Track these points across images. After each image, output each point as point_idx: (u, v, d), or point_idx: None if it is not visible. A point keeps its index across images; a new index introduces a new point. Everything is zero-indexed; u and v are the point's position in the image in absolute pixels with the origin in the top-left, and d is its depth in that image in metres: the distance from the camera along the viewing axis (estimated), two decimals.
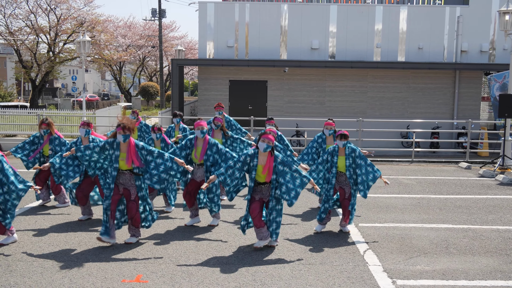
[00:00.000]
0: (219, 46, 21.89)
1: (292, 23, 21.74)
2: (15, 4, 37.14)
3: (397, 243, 7.89)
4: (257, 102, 22.07)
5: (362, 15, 21.69)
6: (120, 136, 7.27)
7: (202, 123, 8.22)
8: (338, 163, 8.19)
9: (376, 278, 6.39)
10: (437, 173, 15.17)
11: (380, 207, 10.36)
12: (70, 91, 60.72)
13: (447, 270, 6.71)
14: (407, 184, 13.14)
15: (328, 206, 8.24)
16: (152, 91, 49.92)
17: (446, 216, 9.72)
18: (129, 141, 7.36)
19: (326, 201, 8.24)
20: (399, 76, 22.00)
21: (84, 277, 6.22)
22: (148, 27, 49.43)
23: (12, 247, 7.36)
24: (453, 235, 8.36)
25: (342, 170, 8.21)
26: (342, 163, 8.17)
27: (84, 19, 38.88)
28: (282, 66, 21.42)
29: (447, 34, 21.79)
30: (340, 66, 21.50)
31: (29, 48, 38.13)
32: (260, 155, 7.20)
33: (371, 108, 22.10)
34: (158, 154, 7.47)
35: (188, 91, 73.26)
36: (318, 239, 8.00)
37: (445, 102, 22.14)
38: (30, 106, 36.84)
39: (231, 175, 7.27)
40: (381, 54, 21.80)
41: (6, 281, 6.08)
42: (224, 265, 6.74)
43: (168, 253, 7.18)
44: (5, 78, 63.73)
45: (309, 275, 6.43)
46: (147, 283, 6.08)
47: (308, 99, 22.11)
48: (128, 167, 7.37)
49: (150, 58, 53.37)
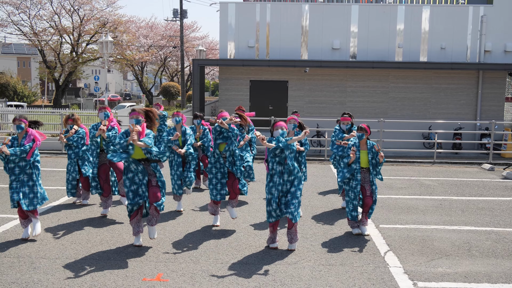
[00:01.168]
0: (240, 46, 21.92)
1: (313, 23, 21.67)
2: (40, 5, 37.75)
3: (418, 245, 7.82)
4: (277, 103, 22.06)
5: (384, 15, 21.53)
6: (131, 120, 7.22)
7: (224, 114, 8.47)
8: (361, 158, 8.14)
9: (397, 280, 6.34)
10: (459, 174, 15.00)
11: (401, 208, 10.28)
12: (93, 91, 61.40)
13: (469, 273, 6.63)
14: (429, 185, 13.01)
15: (357, 203, 8.18)
16: (173, 91, 50.19)
17: (469, 218, 9.61)
18: (142, 127, 7.22)
19: (353, 198, 8.17)
20: (421, 76, 21.79)
21: (105, 275, 6.29)
22: (170, 27, 49.73)
23: (35, 244, 7.47)
24: (475, 238, 8.25)
25: (364, 165, 8.15)
26: (364, 158, 8.12)
27: (107, 19, 39.31)
28: (303, 66, 21.37)
29: (470, 34, 21.51)
30: (362, 66, 21.37)
31: (53, 48, 38.68)
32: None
33: (393, 109, 21.93)
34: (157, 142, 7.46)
35: (209, 91, 73.55)
36: (338, 240, 7.97)
37: (468, 102, 21.86)
38: (54, 105, 37.35)
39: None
40: (403, 54, 21.61)
41: (29, 278, 6.18)
42: (244, 264, 6.76)
43: (189, 252, 7.22)
44: (29, 78, 64.73)
45: (329, 276, 6.41)
46: (168, 282, 6.12)
47: (329, 100, 22.02)
48: (143, 155, 7.25)
49: (172, 58, 53.67)
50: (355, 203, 8.17)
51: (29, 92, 44.53)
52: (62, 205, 10.06)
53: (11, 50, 64.41)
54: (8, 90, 41.52)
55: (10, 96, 41.23)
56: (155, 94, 60.74)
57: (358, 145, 8.16)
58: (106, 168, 9.39)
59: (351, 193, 8.18)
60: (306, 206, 10.29)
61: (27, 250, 7.19)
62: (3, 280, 6.09)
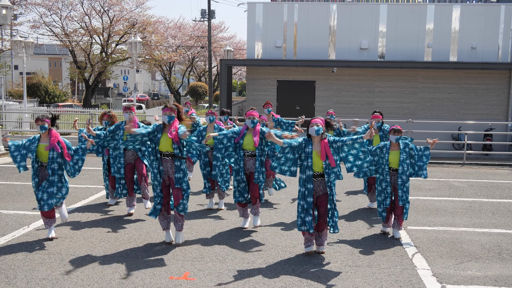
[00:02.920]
0: (267, 46, 21.94)
1: (341, 23, 21.57)
2: (71, 7, 38.40)
3: (447, 247, 7.71)
4: (304, 103, 22.01)
5: (413, 14, 21.30)
6: (165, 117, 7.27)
7: (254, 113, 8.31)
8: (390, 159, 8.02)
9: (425, 282, 6.27)
10: (490, 176, 14.73)
11: (430, 210, 10.15)
12: (122, 90, 62.21)
13: (500, 276, 6.51)
14: (458, 187, 12.82)
15: (387, 204, 8.09)
16: (201, 91, 50.52)
17: (499, 220, 9.43)
18: (173, 123, 7.29)
19: (383, 199, 8.08)
20: (451, 77, 21.48)
21: (133, 273, 6.36)
22: (198, 27, 50.04)
23: (65, 242, 7.61)
24: (506, 240, 8.10)
25: (394, 166, 8.01)
26: (395, 158, 7.98)
27: (136, 20, 39.76)
28: (331, 66, 21.28)
29: (502, 33, 21.12)
30: (390, 67, 21.18)
31: (83, 49, 39.31)
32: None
33: (421, 109, 21.67)
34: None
35: (236, 91, 73.77)
36: (365, 241, 7.91)
37: (499, 103, 21.46)
38: (84, 105, 37.96)
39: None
40: (432, 54, 21.34)
41: (60, 274, 6.29)
42: (270, 265, 6.76)
43: (215, 251, 7.26)
44: (60, 78, 65.90)
45: (356, 277, 6.38)
46: (194, 281, 6.17)
47: (357, 100, 21.88)
48: (170, 149, 7.27)
49: (199, 58, 54.01)
50: (386, 204, 8.08)
51: (60, 92, 45.37)
52: (92, 203, 10.21)
53: (43, 51, 65.63)
54: (40, 90, 42.37)
55: (42, 95, 42.08)
56: (182, 94, 61.23)
57: (389, 146, 8.06)
58: (131, 167, 9.43)
59: (382, 195, 8.11)
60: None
61: (58, 247, 7.32)
62: (34, 276, 6.22)
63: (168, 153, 7.28)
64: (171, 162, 7.34)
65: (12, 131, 22.36)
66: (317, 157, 6.92)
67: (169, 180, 7.41)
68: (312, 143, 6.99)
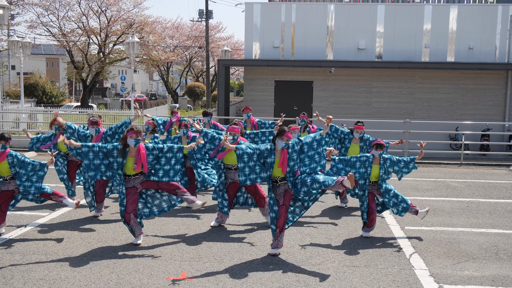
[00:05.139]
0: (265, 46, 21.94)
1: (339, 23, 21.57)
2: (68, 7, 38.32)
3: (444, 247, 7.73)
4: (302, 103, 22.00)
5: (411, 15, 21.31)
6: (131, 140, 7.21)
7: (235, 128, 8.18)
8: (371, 173, 8.06)
9: (423, 282, 6.28)
10: (487, 176, 14.76)
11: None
12: (119, 91, 62.09)
13: (497, 277, 6.53)
14: (456, 187, 12.84)
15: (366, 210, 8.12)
16: (199, 91, 50.49)
17: (496, 220, 9.45)
18: (139, 146, 7.28)
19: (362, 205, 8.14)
20: (448, 77, 21.51)
21: (131, 273, 6.36)
22: (195, 28, 50.02)
23: (63, 242, 7.60)
24: (503, 241, 8.12)
25: (375, 179, 8.12)
26: (376, 172, 8.07)
27: (133, 20, 39.71)
28: (328, 66, 21.29)
29: (499, 34, 21.15)
30: (387, 67, 21.19)
31: (81, 49, 39.24)
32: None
33: (419, 110, 21.69)
34: (167, 149, 7.46)
35: (234, 92, 73.74)
36: (363, 242, 7.92)
37: (496, 103, 21.49)
38: (81, 105, 37.92)
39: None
40: (429, 54, 21.36)
41: (57, 275, 6.29)
42: (268, 265, 6.77)
43: (213, 252, 7.26)
44: (57, 79, 65.82)
45: (353, 277, 6.38)
46: (192, 281, 6.17)
47: (354, 100, 21.89)
48: (136, 172, 7.33)
49: (197, 58, 53.99)
50: (364, 210, 8.12)
51: (57, 92, 45.29)
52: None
53: (40, 51, 65.54)
54: (37, 90, 42.28)
55: (39, 96, 41.99)
56: (180, 94, 61.20)
57: (372, 160, 8.06)
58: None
59: (361, 203, 8.17)
60: (331, 207, 10.26)
61: (55, 248, 7.31)
62: (31, 276, 6.21)
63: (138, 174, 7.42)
64: (142, 177, 7.47)
65: (9, 132, 22.32)
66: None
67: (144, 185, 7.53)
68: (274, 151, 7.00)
